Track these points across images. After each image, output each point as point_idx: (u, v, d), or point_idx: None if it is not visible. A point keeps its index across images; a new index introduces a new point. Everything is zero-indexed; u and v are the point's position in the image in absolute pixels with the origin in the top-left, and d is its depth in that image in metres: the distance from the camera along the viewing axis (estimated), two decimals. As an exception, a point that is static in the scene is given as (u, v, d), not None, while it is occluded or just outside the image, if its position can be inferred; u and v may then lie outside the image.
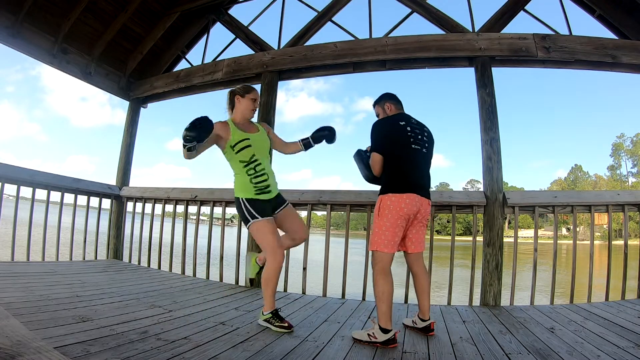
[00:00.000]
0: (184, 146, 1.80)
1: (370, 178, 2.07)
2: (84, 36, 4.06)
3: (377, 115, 2.17)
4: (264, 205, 2.01)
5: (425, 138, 2.01)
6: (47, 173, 3.64)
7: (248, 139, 2.02)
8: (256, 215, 1.95)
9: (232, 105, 2.15)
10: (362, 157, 2.10)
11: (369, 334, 1.78)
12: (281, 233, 2.13)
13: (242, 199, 1.99)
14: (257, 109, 2.19)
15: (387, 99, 2.14)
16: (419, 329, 1.99)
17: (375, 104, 2.18)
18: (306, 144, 2.24)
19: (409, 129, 1.96)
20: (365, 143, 2.15)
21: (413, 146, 1.93)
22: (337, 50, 3.58)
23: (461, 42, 3.24)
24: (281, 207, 2.13)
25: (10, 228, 3.34)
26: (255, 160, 2.03)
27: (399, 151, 1.92)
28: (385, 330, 1.75)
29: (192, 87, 4.31)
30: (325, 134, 2.22)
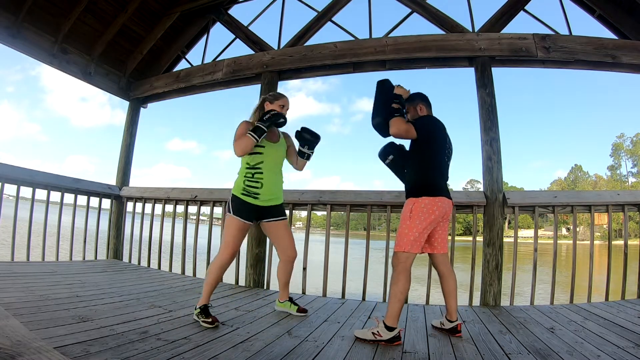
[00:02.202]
0: (259, 129, 2.02)
1: (378, 122, 2.04)
2: (84, 36, 4.06)
3: (407, 113, 2.16)
4: (245, 207, 2.11)
5: (450, 151, 2.09)
6: (47, 173, 3.64)
7: (263, 146, 2.14)
8: (233, 211, 2.10)
9: (261, 110, 2.22)
10: (387, 89, 2.07)
11: (373, 333, 1.79)
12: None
13: (232, 194, 2.17)
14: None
15: (421, 100, 2.12)
16: (446, 330, 1.99)
17: (407, 101, 2.15)
18: (301, 154, 2.29)
19: (447, 140, 2.05)
20: (364, 143, 2.18)
21: (445, 158, 2.03)
22: (337, 51, 3.58)
23: (461, 42, 3.24)
24: (272, 219, 2.22)
25: (10, 228, 3.34)
26: (259, 168, 2.14)
27: (434, 158, 1.98)
28: (390, 329, 1.77)
29: (192, 87, 4.32)
30: (307, 138, 2.26)
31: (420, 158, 2.00)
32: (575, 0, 3.34)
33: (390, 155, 2.17)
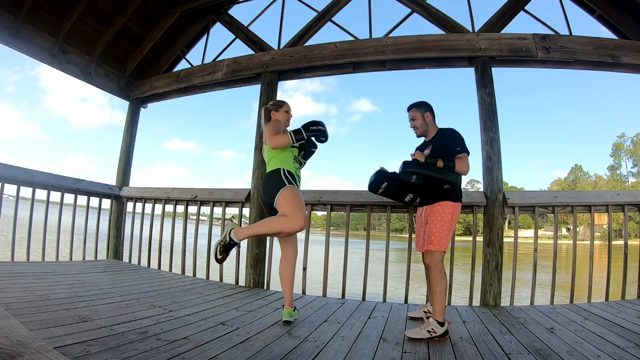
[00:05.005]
0: (300, 135, 2.07)
1: (446, 179, 2.02)
2: (84, 36, 4.06)
3: (413, 119, 2.24)
4: (296, 182, 2.10)
5: None
6: (47, 173, 3.64)
7: (294, 142, 2.16)
8: (292, 182, 2.04)
9: (268, 119, 2.29)
10: (415, 166, 2.06)
11: (428, 331, 1.86)
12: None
13: (283, 169, 2.07)
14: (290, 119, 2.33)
15: (428, 109, 2.22)
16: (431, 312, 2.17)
17: (415, 107, 2.25)
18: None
19: None
20: (362, 143, 2.24)
21: None
22: (337, 51, 3.57)
23: (461, 42, 3.23)
24: None
25: (10, 228, 3.34)
26: (296, 159, 2.20)
27: None
28: (442, 324, 1.87)
29: (192, 87, 4.31)
30: (311, 149, 2.29)
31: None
32: (575, 0, 3.33)
33: (384, 183, 2.25)
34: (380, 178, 2.26)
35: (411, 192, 2.32)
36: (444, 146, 2.08)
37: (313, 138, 2.18)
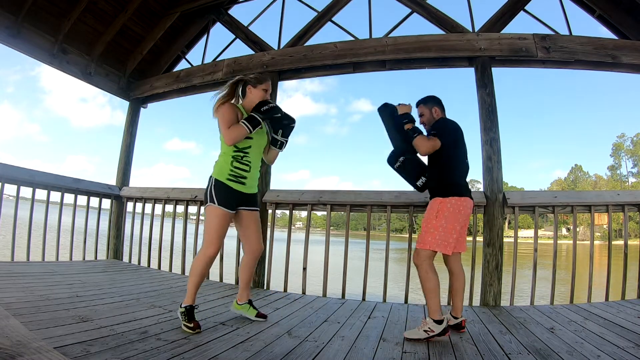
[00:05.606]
0: (255, 121, 1.93)
1: (401, 148, 2.04)
2: (84, 36, 4.06)
3: (421, 116, 2.21)
4: (230, 194, 1.97)
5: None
6: (47, 173, 3.65)
7: (252, 130, 1.98)
8: (215, 200, 1.94)
9: (243, 93, 2.09)
10: (391, 114, 2.10)
11: (425, 331, 1.84)
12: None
13: (213, 178, 1.99)
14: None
15: (436, 103, 2.19)
16: (450, 326, 2.04)
17: (422, 103, 2.22)
18: (274, 142, 2.14)
19: (464, 141, 2.12)
20: (362, 143, 2.20)
21: (466, 159, 2.11)
22: (337, 51, 3.57)
23: (461, 42, 3.23)
24: (248, 207, 2.10)
25: (10, 228, 3.34)
26: (246, 152, 2.01)
27: (457, 159, 2.06)
28: (439, 322, 1.85)
29: (192, 87, 4.31)
30: (283, 123, 2.12)
31: (446, 160, 2.03)
32: (575, 0, 3.33)
33: (402, 157, 2.13)
34: (397, 153, 2.15)
35: (424, 175, 2.14)
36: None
37: (283, 121, 2.09)
